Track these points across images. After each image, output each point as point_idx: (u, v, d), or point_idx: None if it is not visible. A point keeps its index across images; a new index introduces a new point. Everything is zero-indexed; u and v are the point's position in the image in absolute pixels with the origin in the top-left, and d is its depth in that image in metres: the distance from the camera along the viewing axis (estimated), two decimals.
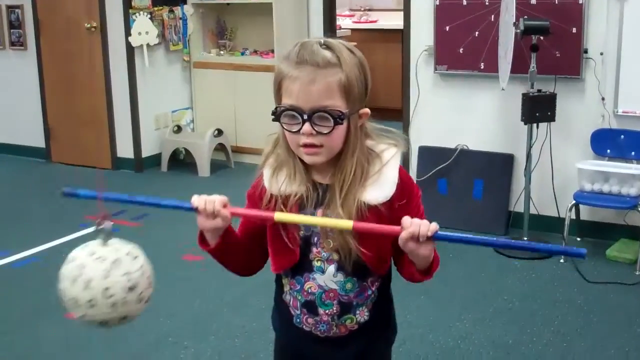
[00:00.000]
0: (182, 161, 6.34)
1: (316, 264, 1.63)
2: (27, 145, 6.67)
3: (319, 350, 1.72)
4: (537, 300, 3.68)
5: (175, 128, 6.20)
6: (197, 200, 1.54)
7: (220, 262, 1.69)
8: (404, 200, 1.60)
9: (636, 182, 4.04)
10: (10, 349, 3.29)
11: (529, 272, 3.96)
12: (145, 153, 6.18)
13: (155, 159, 6.22)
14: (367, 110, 1.61)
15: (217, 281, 3.82)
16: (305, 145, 1.55)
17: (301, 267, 1.64)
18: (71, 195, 1.61)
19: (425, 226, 1.45)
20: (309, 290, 1.65)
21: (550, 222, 4.44)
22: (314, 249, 1.63)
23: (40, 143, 6.59)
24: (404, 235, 1.45)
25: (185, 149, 6.24)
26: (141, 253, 1.54)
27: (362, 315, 1.68)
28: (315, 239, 1.62)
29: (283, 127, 1.56)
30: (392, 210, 1.58)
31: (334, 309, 1.65)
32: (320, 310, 1.66)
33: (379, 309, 1.71)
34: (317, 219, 1.57)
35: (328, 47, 1.54)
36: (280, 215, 1.53)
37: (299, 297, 1.68)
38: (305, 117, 1.51)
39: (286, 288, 1.70)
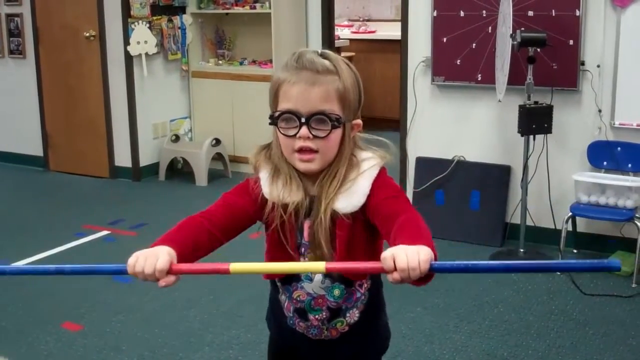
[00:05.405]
0: (179, 170, 6.35)
1: (304, 272, 1.66)
2: (25, 154, 6.67)
3: (312, 351, 1.75)
4: (533, 312, 3.68)
5: (173, 137, 6.21)
6: (136, 270, 1.46)
7: None
8: (369, 211, 1.58)
9: (632, 195, 4.05)
10: (6, 358, 3.28)
11: (525, 283, 3.95)
12: (143, 162, 6.18)
13: (153, 168, 6.22)
14: (359, 121, 1.65)
15: (212, 291, 3.80)
16: (301, 150, 1.56)
17: (290, 276, 1.67)
18: None
19: (415, 268, 1.29)
20: (298, 299, 1.69)
21: (547, 234, 4.44)
22: (302, 259, 1.65)
23: (39, 152, 6.59)
24: (393, 278, 1.32)
25: (183, 158, 6.24)
26: None
27: (352, 317, 1.71)
28: (303, 249, 1.64)
29: (280, 131, 1.58)
30: (356, 218, 1.59)
31: (324, 314, 1.69)
32: (310, 316, 1.69)
33: (369, 310, 1.73)
34: (287, 265, 1.51)
35: (325, 57, 1.60)
36: (235, 267, 1.38)
37: (291, 303, 1.71)
38: (303, 120, 1.54)
39: (281, 290, 1.74)
